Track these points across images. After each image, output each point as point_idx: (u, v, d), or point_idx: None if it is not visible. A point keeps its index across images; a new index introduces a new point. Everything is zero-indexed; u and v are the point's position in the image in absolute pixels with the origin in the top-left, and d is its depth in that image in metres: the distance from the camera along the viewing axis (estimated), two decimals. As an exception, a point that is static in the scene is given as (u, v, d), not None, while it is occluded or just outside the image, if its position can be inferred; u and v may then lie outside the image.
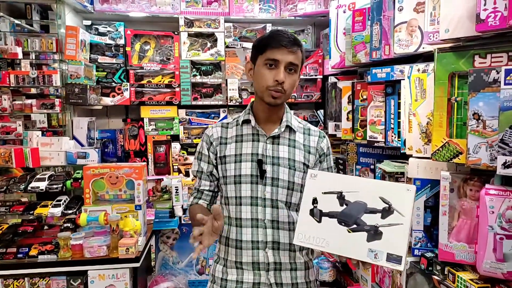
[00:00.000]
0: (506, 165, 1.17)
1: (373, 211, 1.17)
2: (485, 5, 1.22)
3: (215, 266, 1.52)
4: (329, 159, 1.56)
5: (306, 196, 1.25)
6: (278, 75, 1.34)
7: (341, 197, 1.21)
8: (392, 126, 1.93)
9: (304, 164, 1.46)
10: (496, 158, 1.20)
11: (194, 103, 3.28)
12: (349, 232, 1.17)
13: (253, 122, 1.46)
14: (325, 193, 1.22)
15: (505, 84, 1.17)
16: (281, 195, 1.42)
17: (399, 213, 1.15)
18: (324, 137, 1.55)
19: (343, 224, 1.18)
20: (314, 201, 1.23)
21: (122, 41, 3.17)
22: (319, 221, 1.20)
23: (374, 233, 1.15)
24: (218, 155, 1.48)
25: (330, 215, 1.20)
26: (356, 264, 1.20)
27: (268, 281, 1.42)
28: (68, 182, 2.55)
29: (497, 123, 1.21)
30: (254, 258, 1.42)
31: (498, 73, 1.21)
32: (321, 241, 1.18)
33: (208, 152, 1.50)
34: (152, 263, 3.03)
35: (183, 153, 3.29)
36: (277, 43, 1.36)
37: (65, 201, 2.56)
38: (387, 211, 1.16)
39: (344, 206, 1.20)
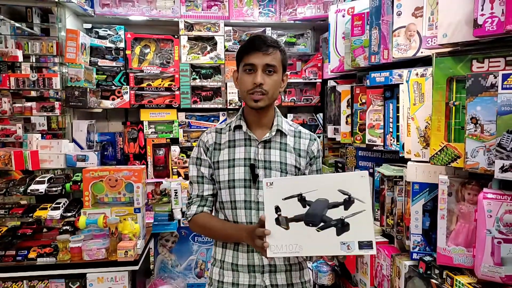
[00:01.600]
0: (503, 169, 1.17)
1: (335, 205, 1.19)
2: (482, 10, 1.23)
3: (212, 269, 1.53)
4: (318, 161, 1.58)
5: (268, 206, 1.23)
6: (255, 78, 1.38)
7: (302, 199, 1.21)
8: (390, 130, 1.93)
9: (295, 167, 1.48)
10: (494, 162, 1.21)
11: (193, 106, 3.29)
12: (318, 231, 1.19)
13: (244, 128, 1.49)
14: (285, 198, 1.22)
15: (502, 88, 1.18)
16: None
17: (359, 201, 1.18)
18: (315, 140, 1.56)
19: (310, 225, 1.19)
20: (277, 209, 1.22)
21: (122, 45, 3.18)
22: (287, 228, 1.21)
23: (342, 226, 1.18)
24: (212, 160, 1.50)
25: (296, 219, 1.21)
26: (331, 258, 1.22)
27: (264, 283, 1.43)
28: (68, 185, 2.56)
29: (494, 127, 1.22)
30: (249, 261, 1.44)
31: (495, 77, 1.22)
32: (294, 247, 1.19)
33: (206, 157, 1.52)
34: (151, 266, 3.02)
35: (182, 156, 3.30)
36: (252, 48, 1.40)
37: (64, 203, 2.56)
38: (348, 202, 1.19)
39: (307, 207, 1.21)
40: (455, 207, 1.43)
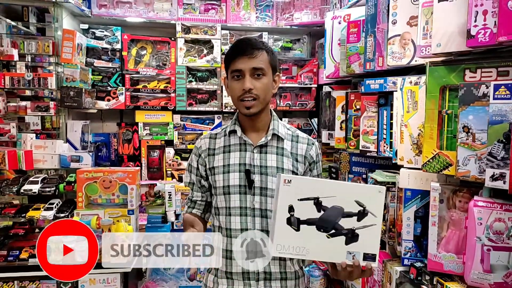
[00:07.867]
0: (494, 178, 1.20)
1: (349, 215, 1.18)
2: (475, 21, 1.25)
3: (207, 276, 1.51)
4: (318, 166, 1.56)
5: (282, 204, 1.18)
6: (244, 84, 1.36)
7: (318, 203, 1.18)
8: (384, 136, 1.95)
9: (293, 172, 1.45)
10: (484, 170, 1.23)
11: (189, 108, 3.30)
12: (328, 237, 1.18)
13: (239, 132, 1.46)
14: (301, 199, 1.18)
15: (494, 98, 1.20)
16: (270, 204, 1.40)
17: (372, 215, 1.19)
18: (313, 144, 1.53)
19: (321, 230, 1.18)
20: (290, 209, 1.18)
21: (118, 46, 3.18)
22: (297, 230, 1.18)
23: (352, 236, 1.18)
24: (208, 166, 1.49)
25: (309, 222, 1.18)
26: (333, 271, 1.22)
27: None
28: (61, 186, 2.54)
29: (486, 136, 1.24)
30: (244, 268, 1.41)
31: (487, 87, 1.24)
32: (301, 250, 1.18)
33: (197, 164, 1.52)
34: (143, 268, 3.01)
35: (177, 158, 3.30)
36: (237, 53, 1.38)
37: (57, 204, 2.55)
38: (362, 214, 1.19)
39: (322, 212, 1.19)
40: (446, 214, 1.45)
